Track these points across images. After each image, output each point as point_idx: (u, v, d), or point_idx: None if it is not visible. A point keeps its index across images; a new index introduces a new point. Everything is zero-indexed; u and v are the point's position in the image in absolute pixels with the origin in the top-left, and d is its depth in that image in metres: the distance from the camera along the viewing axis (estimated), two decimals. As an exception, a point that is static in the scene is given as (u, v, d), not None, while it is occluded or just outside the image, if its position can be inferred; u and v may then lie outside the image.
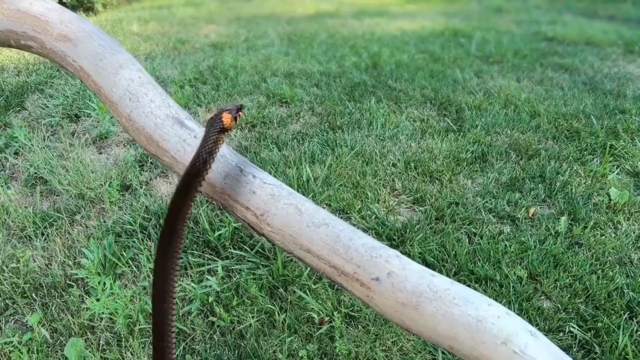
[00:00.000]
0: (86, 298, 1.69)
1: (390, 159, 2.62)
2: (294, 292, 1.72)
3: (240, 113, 0.67)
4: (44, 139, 2.92)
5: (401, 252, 1.82)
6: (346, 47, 4.98)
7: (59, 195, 2.36)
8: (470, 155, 2.67)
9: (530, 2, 8.73)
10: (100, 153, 2.83)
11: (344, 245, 0.61)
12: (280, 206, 0.64)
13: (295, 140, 2.87)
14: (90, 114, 3.12)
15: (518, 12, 7.85)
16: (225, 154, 0.67)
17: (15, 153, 2.73)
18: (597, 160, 2.65)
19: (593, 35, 5.56)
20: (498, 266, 1.84)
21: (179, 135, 0.67)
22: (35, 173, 2.50)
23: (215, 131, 0.63)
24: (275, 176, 2.18)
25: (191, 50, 4.79)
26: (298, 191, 2.10)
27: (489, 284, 1.76)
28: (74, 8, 6.56)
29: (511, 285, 1.75)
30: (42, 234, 2.06)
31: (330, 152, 2.70)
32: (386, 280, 0.58)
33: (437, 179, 2.47)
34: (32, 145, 2.71)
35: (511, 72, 4.20)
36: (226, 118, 0.64)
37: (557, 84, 3.90)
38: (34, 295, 1.75)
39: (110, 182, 2.38)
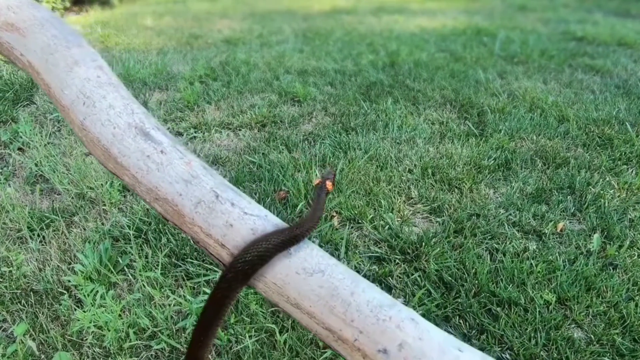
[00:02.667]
0: (76, 309, 1.59)
1: (406, 165, 2.46)
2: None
3: (335, 177, 0.87)
4: (49, 135, 2.85)
5: (416, 268, 1.65)
6: (363, 45, 4.81)
7: (59, 194, 2.28)
8: (492, 162, 2.49)
9: (558, 0, 8.38)
10: (105, 150, 2.74)
11: (343, 302, 0.46)
12: (263, 245, 0.50)
13: (306, 142, 2.73)
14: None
15: (544, 10, 7.53)
16: (199, 174, 0.53)
17: (19, 149, 2.66)
18: (632, 171, 2.43)
19: (626, 35, 5.26)
20: (523, 288, 1.67)
21: (142, 149, 0.54)
22: (37, 170, 2.43)
23: (325, 195, 0.80)
24: (283, 180, 2.03)
25: (204, 45, 4.69)
26: (306, 197, 1.96)
27: (512, 308, 1.59)
28: (90, 2, 6.55)
29: (537, 310, 1.58)
30: (38, 236, 1.97)
31: (342, 156, 2.55)
32: (397, 354, 0.43)
33: (456, 187, 2.29)
34: (36, 141, 2.64)
35: (537, 74, 3.97)
36: (329, 185, 0.81)
37: (588, 86, 3.66)
38: (23, 302, 1.66)
39: (112, 182, 2.28)
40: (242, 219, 0.51)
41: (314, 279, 0.48)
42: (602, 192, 2.24)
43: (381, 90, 3.49)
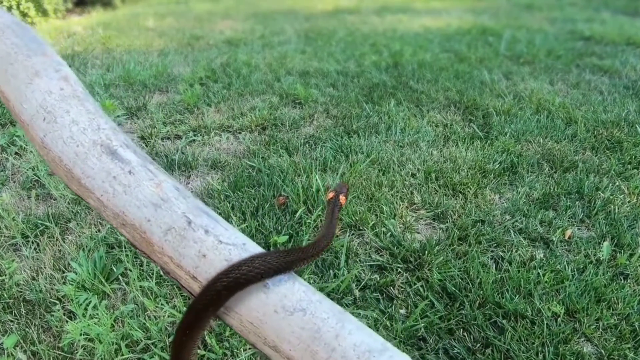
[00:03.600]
0: (67, 320, 1.55)
1: (409, 169, 2.40)
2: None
3: (348, 191, 0.89)
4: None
5: (419, 277, 1.59)
6: (366, 45, 4.75)
7: (55, 200, 2.24)
8: (498, 166, 2.42)
9: (564, -2, 8.27)
10: (104, 154, 2.70)
11: (326, 346, 0.41)
12: (239, 278, 0.45)
13: (307, 145, 2.68)
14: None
15: (551, 9, 7.43)
16: (170, 197, 0.48)
17: (17, 153, 2.63)
18: (643, 175, 2.36)
19: (634, 35, 5.15)
20: (530, 299, 1.61)
21: (108, 170, 0.49)
22: (33, 175, 2.39)
23: (338, 211, 0.80)
24: (282, 185, 1.97)
25: (205, 46, 4.65)
26: (306, 203, 1.90)
27: (518, 321, 1.53)
28: (92, 3, 6.54)
29: (545, 323, 1.51)
30: (33, 243, 1.93)
31: (343, 159, 2.49)
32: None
33: (460, 192, 2.23)
34: (32, 145, 2.60)
35: (544, 74, 3.89)
36: (342, 199, 0.81)
37: (596, 87, 3.57)
38: (15, 312, 1.62)
39: (108, 187, 2.24)
40: (217, 248, 0.46)
41: (294, 319, 0.42)
42: (611, 197, 2.17)
43: (384, 92, 3.43)
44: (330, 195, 0.84)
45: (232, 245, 0.46)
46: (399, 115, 3.02)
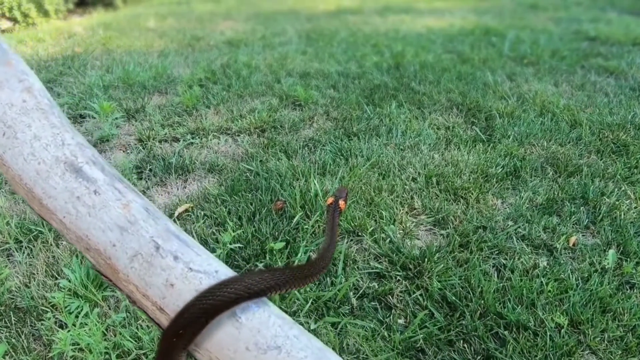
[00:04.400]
0: (58, 329, 1.51)
1: (409, 173, 2.35)
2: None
3: (347, 196, 0.90)
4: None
5: (418, 285, 1.54)
6: (368, 46, 4.71)
7: (50, 204, 2.21)
8: (500, 170, 2.37)
9: (569, -2, 8.18)
10: (101, 157, 2.67)
11: (303, 390, 0.37)
12: (210, 311, 0.41)
13: (306, 148, 2.64)
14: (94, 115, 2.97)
15: (556, 8, 7.35)
16: (138, 219, 0.44)
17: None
18: (649, 180, 2.30)
19: (640, 35, 5.08)
20: (532, 309, 1.56)
21: (72, 189, 0.45)
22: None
23: (338, 216, 0.80)
24: (280, 191, 1.92)
25: (206, 47, 4.62)
26: (304, 208, 1.86)
27: (520, 332, 1.48)
28: (93, 4, 6.53)
29: (548, 334, 1.47)
30: (26, 248, 1.90)
31: (343, 163, 2.45)
32: None
33: (462, 197, 2.18)
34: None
35: (548, 75, 3.83)
36: (342, 204, 0.81)
37: (601, 89, 3.51)
38: (6, 320, 1.59)
39: (104, 191, 2.21)
40: (186, 277, 0.42)
41: (267, 358, 0.38)
42: (617, 202, 2.11)
43: (385, 94, 3.39)
44: (330, 200, 0.84)
45: (204, 273, 0.43)
46: (400, 117, 2.98)
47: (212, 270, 0.43)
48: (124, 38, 5.01)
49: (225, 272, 0.44)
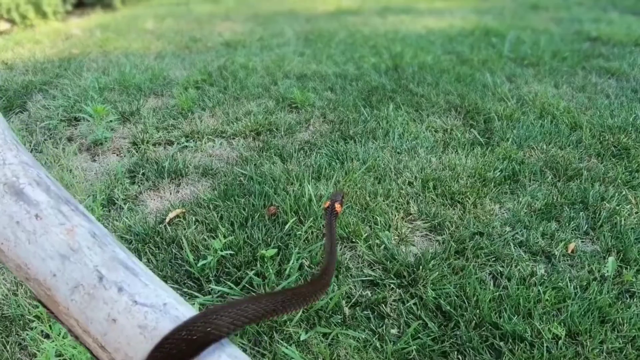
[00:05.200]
0: (44, 340, 1.48)
1: (406, 177, 2.31)
2: (280, 342, 1.45)
3: (343, 199, 0.91)
4: (38, 144, 2.76)
5: (412, 294, 1.51)
6: (366, 47, 4.67)
7: (41, 209, 2.18)
8: (499, 174, 2.33)
9: (571, -2, 8.11)
10: (94, 160, 2.65)
11: None
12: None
13: (301, 152, 2.60)
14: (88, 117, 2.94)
15: (557, 8, 7.29)
16: (82, 246, 0.41)
17: (5, 159, 2.57)
18: (651, 184, 2.25)
19: (643, 35, 5.02)
20: (529, 319, 1.52)
21: (11, 213, 0.41)
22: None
23: (335, 220, 0.83)
24: (274, 196, 1.89)
25: (203, 49, 4.59)
26: (298, 213, 1.82)
27: (516, 343, 1.44)
28: (92, 5, 6.51)
29: (545, 346, 1.42)
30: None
31: (339, 167, 2.41)
32: None
33: (459, 202, 2.14)
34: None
35: (548, 77, 3.78)
36: (338, 207, 0.82)
37: (602, 90, 3.46)
38: (-9, 329, 1.56)
39: (95, 196, 2.18)
40: (130, 311, 0.38)
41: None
42: (617, 207, 2.07)
43: (383, 96, 3.35)
44: (326, 204, 0.88)
45: (149, 306, 0.39)
46: (398, 120, 2.94)
47: (159, 303, 0.39)
48: (121, 40, 4.99)
49: (175, 305, 0.40)
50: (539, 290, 1.62)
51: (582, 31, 5.40)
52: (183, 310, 0.40)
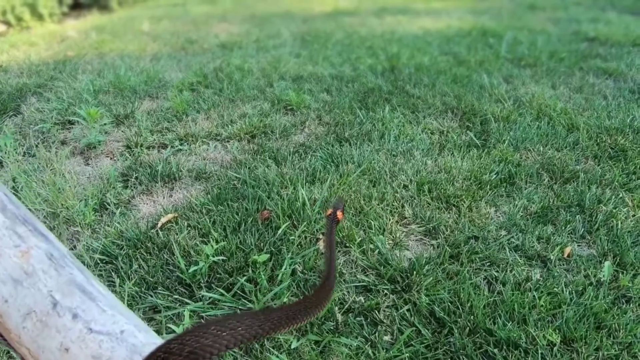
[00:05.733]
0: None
1: (401, 180, 2.29)
2: (271, 350, 1.43)
3: (344, 206, 0.91)
4: (31, 148, 2.74)
5: (406, 300, 1.49)
6: (363, 48, 4.65)
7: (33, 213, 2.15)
8: (494, 176, 2.31)
9: (569, -2, 8.10)
10: (87, 164, 2.63)
11: None
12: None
13: (296, 155, 2.58)
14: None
15: (555, 8, 7.27)
16: (37, 270, 0.39)
17: (0, 163, 2.56)
18: (648, 187, 2.23)
19: (640, 35, 5.00)
20: (524, 326, 1.50)
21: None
22: (15, 186, 2.31)
23: (335, 226, 0.86)
24: (267, 200, 1.87)
25: (199, 50, 4.57)
26: (291, 217, 1.80)
27: (511, 350, 1.42)
28: (89, 7, 6.49)
29: (540, 352, 1.40)
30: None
31: (333, 170, 2.39)
32: None
33: (454, 205, 2.12)
34: (14, 155, 2.53)
35: (546, 77, 3.76)
36: (339, 215, 0.85)
37: (600, 91, 3.44)
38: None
39: (86, 200, 2.16)
40: (84, 340, 0.36)
41: None
42: (614, 210, 2.05)
43: (379, 97, 3.33)
44: (328, 212, 0.93)
45: (105, 334, 0.37)
46: (394, 122, 2.92)
47: (116, 330, 0.37)
48: (117, 41, 4.97)
49: (133, 332, 0.38)
50: (534, 296, 1.60)
51: (579, 31, 5.38)
52: (142, 338, 0.38)
